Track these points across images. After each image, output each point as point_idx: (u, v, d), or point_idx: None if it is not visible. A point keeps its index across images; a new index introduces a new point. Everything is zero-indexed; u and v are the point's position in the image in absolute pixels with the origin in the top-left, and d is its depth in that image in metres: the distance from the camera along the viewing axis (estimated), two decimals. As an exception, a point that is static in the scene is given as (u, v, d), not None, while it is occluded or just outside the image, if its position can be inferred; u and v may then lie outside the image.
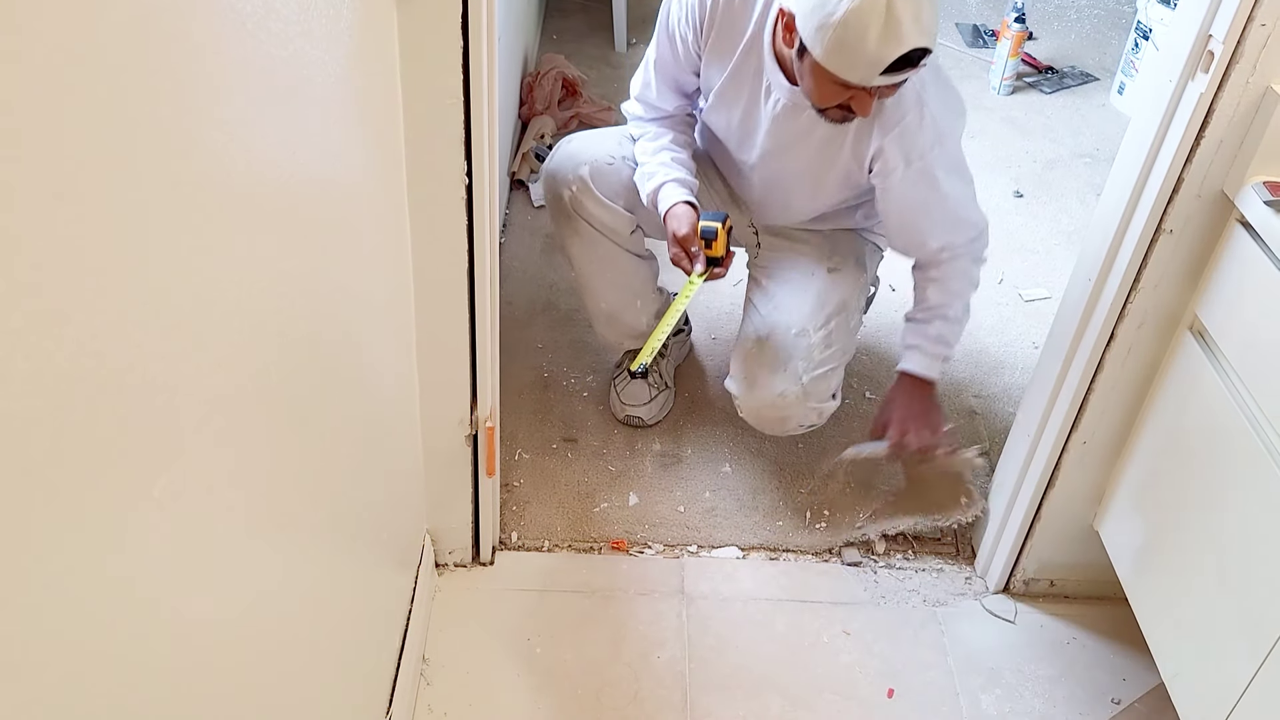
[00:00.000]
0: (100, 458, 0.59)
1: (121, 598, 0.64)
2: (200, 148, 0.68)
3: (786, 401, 1.71)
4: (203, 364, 0.72)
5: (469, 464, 1.57)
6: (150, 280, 0.63)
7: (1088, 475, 1.54)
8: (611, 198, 1.76)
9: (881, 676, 1.57)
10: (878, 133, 1.55)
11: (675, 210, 1.66)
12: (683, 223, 1.64)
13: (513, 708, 1.50)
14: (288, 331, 0.90)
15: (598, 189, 1.75)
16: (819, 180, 1.66)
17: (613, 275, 1.84)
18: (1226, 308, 1.26)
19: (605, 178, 1.75)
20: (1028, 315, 2.31)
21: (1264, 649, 1.13)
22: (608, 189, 1.76)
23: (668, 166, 1.69)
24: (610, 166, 1.76)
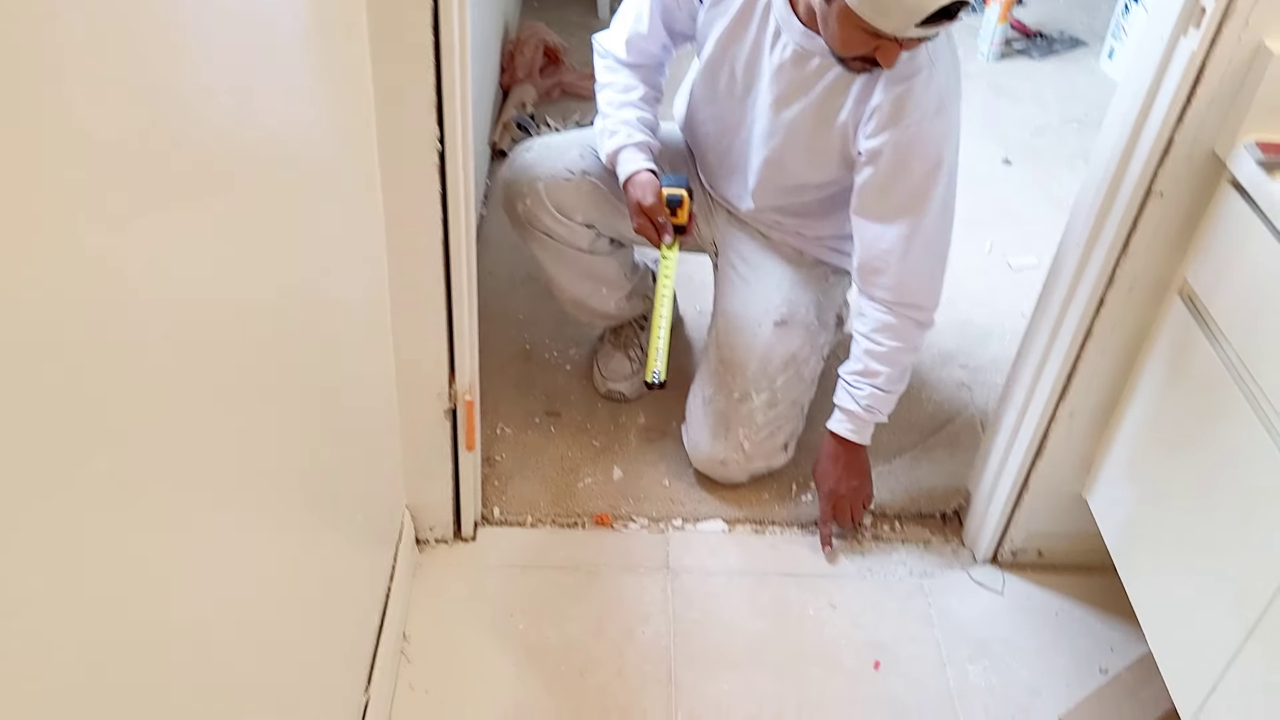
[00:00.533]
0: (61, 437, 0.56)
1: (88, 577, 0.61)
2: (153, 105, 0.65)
3: (729, 468, 1.74)
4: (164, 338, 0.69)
5: (448, 438, 1.54)
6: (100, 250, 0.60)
7: (1076, 445, 1.52)
8: (568, 213, 1.72)
9: (868, 649, 1.56)
10: (881, 88, 1.47)
11: (638, 179, 1.62)
12: (647, 192, 1.60)
13: (495, 684, 1.48)
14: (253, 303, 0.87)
15: (553, 205, 1.70)
16: (816, 139, 1.58)
17: (576, 270, 1.81)
18: (1217, 271, 1.24)
19: (562, 193, 1.70)
20: (1016, 284, 2.29)
21: (1251, 620, 1.11)
22: (565, 205, 1.71)
23: (631, 127, 1.64)
24: (569, 182, 1.70)
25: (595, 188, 1.69)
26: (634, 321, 1.95)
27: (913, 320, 1.61)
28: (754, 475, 1.77)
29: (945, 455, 1.86)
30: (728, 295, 1.79)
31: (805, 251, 1.79)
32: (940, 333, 2.11)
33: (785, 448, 1.76)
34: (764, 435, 1.72)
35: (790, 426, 1.76)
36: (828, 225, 1.75)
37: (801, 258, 1.78)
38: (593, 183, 1.69)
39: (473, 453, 1.57)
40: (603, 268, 1.81)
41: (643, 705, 1.46)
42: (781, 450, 1.76)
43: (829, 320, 1.81)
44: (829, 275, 1.81)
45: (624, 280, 1.85)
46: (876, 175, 1.53)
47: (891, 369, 1.62)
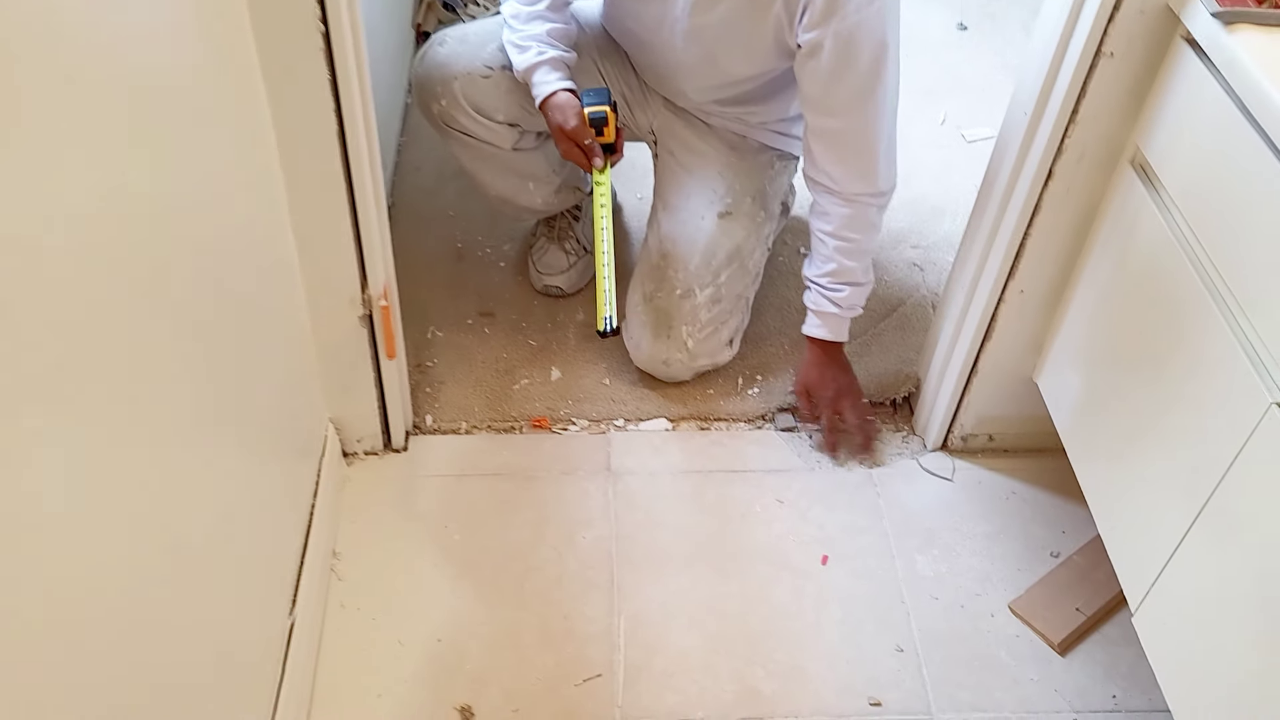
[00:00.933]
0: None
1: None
2: None
3: (672, 368, 1.67)
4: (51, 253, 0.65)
5: (367, 347, 1.46)
6: None
7: (1026, 326, 1.45)
8: (488, 113, 1.59)
9: (815, 544, 1.52)
10: None
11: (556, 100, 1.50)
12: (569, 114, 1.49)
13: (430, 599, 1.43)
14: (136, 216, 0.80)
15: (470, 105, 1.58)
16: (750, 33, 1.46)
17: (500, 168, 1.69)
18: (1169, 137, 1.15)
19: (480, 92, 1.58)
20: (970, 157, 2.19)
21: (1198, 505, 1.07)
22: (483, 105, 1.59)
23: (541, 42, 1.52)
24: (487, 80, 1.57)
25: (517, 84, 1.57)
26: (567, 212, 1.85)
27: (874, 206, 1.54)
28: (699, 373, 1.71)
29: (896, 340, 1.80)
30: (668, 186, 1.69)
31: (749, 137, 1.68)
32: (891, 212, 2.00)
33: (730, 343, 1.69)
34: (708, 332, 1.64)
35: (735, 321, 1.68)
36: (772, 109, 1.65)
37: (745, 143, 1.68)
38: (514, 78, 1.57)
39: (395, 360, 1.49)
40: (528, 164, 1.70)
41: (584, 612, 1.42)
42: (726, 346, 1.69)
43: (774, 209, 1.72)
44: (774, 161, 1.71)
45: (552, 175, 1.74)
46: (820, 69, 1.43)
47: (863, 260, 1.56)
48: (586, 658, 1.38)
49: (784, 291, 1.86)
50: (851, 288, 1.57)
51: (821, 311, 1.59)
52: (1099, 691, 1.38)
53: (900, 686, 1.37)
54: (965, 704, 1.35)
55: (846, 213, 1.52)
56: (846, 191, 1.51)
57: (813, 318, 1.60)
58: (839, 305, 1.57)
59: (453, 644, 1.38)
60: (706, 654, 1.39)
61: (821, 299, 1.58)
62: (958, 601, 1.46)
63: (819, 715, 1.34)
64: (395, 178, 2.07)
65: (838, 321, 1.59)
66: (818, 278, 1.58)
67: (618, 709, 1.33)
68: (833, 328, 1.60)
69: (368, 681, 1.34)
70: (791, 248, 1.95)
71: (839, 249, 1.54)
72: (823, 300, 1.58)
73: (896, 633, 1.42)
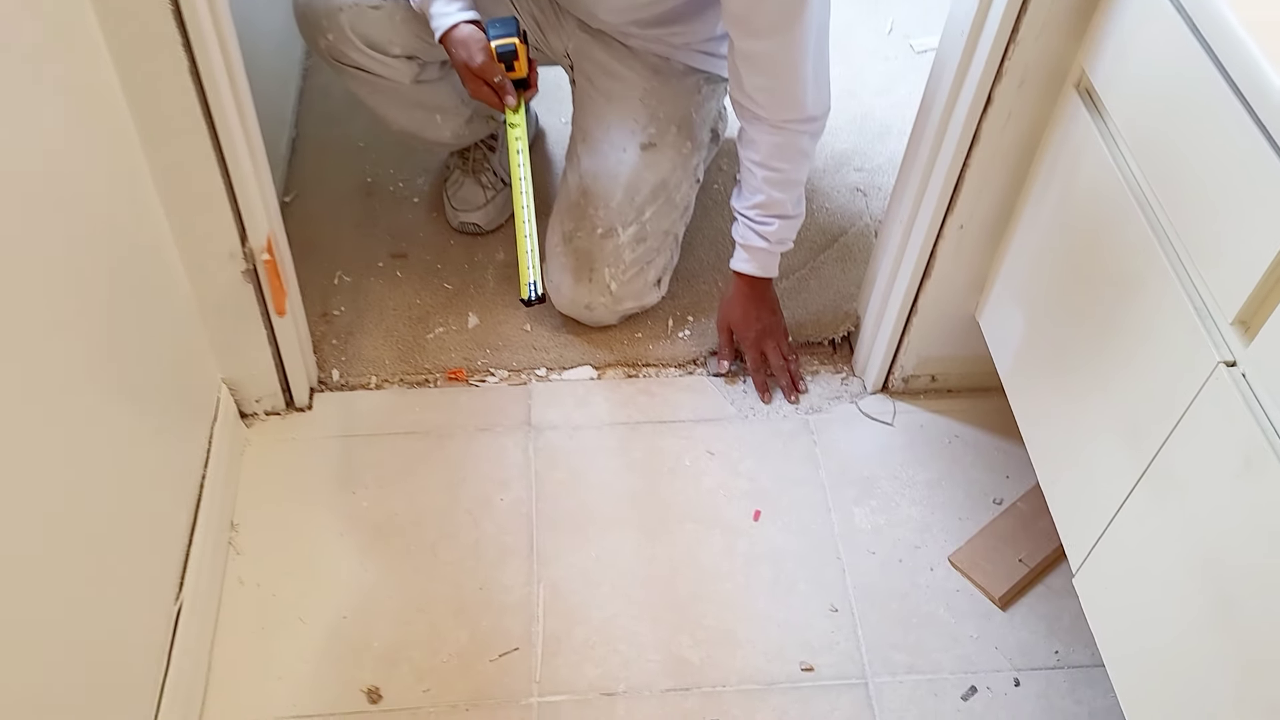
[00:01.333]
0: None
1: None
2: None
3: (596, 312, 1.55)
4: None
5: (255, 303, 1.34)
6: None
7: (966, 262, 1.35)
8: (383, 47, 1.44)
9: (747, 498, 1.43)
10: None
11: (458, 35, 1.35)
12: (473, 49, 1.34)
13: (335, 572, 1.34)
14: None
15: (361, 39, 1.42)
16: None
17: (402, 103, 1.55)
18: (1116, 59, 1.03)
19: (371, 24, 1.42)
20: (919, 69, 2.05)
21: (1141, 465, 0.99)
22: (376, 39, 1.43)
23: None
24: (377, 11, 1.42)
25: (413, 13, 1.42)
26: (482, 143, 1.72)
27: (806, 134, 1.42)
28: (625, 316, 1.60)
29: (836, 273, 1.70)
30: (586, 116, 1.56)
31: (673, 59, 1.54)
32: (832, 133, 1.91)
33: (658, 284, 1.58)
34: (633, 273, 1.53)
35: (663, 260, 1.57)
36: (697, 28, 1.50)
37: (669, 66, 1.54)
38: (409, 7, 1.41)
39: (287, 317, 1.37)
40: (433, 96, 1.56)
41: (501, 581, 1.34)
42: (654, 287, 1.57)
43: (703, 137, 1.59)
44: (701, 85, 1.57)
45: (461, 106, 1.59)
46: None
47: (793, 191, 1.45)
48: (503, 630, 1.30)
49: (718, 223, 1.75)
50: (781, 221, 1.46)
51: (750, 246, 1.48)
52: (1041, 647, 1.32)
53: (834, 649, 1.30)
54: (901, 666, 1.29)
55: (775, 141, 1.40)
56: (774, 118, 1.39)
57: (740, 252, 1.49)
58: (767, 239, 1.46)
59: (360, 620, 1.30)
60: (630, 622, 1.31)
61: (749, 233, 1.47)
62: (896, 556, 1.39)
63: (747, 683, 1.27)
64: (300, 105, 1.91)
65: (767, 256, 1.49)
66: (746, 210, 1.47)
67: (535, 684, 1.25)
68: (761, 263, 1.49)
69: (267, 664, 1.26)
70: (727, 174, 1.83)
71: (768, 179, 1.43)
72: (750, 234, 1.47)
73: (831, 592, 1.35)
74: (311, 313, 1.58)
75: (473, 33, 1.35)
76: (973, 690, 1.28)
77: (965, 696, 1.27)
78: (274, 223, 1.31)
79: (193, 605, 1.22)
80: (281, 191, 1.76)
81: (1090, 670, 1.29)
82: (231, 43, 1.13)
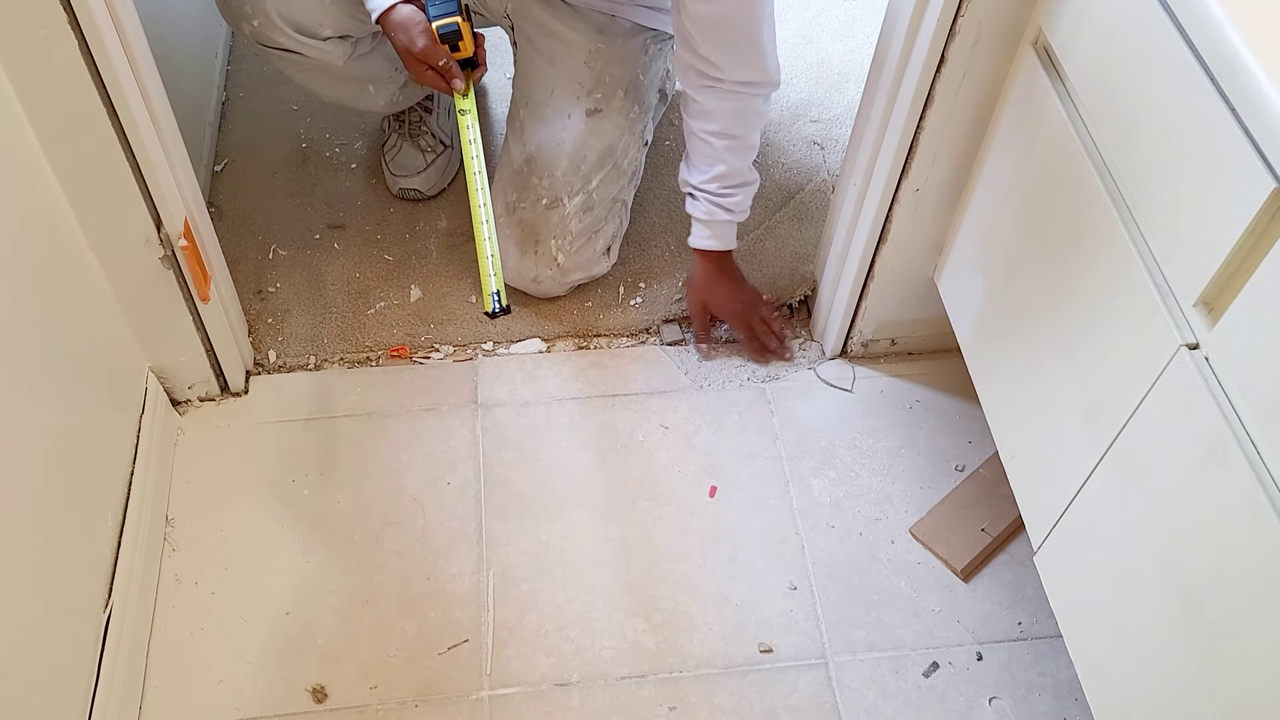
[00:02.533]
0: None
1: None
2: None
3: (543, 285, 1.48)
4: None
5: (177, 289, 1.26)
6: None
7: (924, 225, 1.30)
8: (312, 31, 1.34)
9: (703, 473, 1.39)
10: None
11: (395, 18, 1.25)
12: (414, 34, 1.25)
13: (276, 566, 1.29)
14: None
15: (287, 24, 1.33)
16: None
17: (331, 79, 1.46)
18: (1073, 15, 0.97)
19: (298, 8, 1.32)
20: (878, 10, 1.95)
21: (1102, 446, 0.95)
22: (305, 22, 1.34)
23: None
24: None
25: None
26: (418, 104, 1.63)
27: (760, 96, 1.35)
28: (573, 286, 1.54)
29: (793, 233, 1.64)
30: (529, 78, 1.48)
31: (618, 16, 1.46)
32: (789, 81, 1.83)
33: (607, 253, 1.52)
34: (581, 243, 1.46)
35: (611, 228, 1.50)
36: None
37: (614, 25, 1.46)
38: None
39: (209, 303, 1.30)
40: (365, 68, 1.47)
41: (449, 570, 1.29)
42: (603, 256, 1.51)
43: (650, 99, 1.51)
44: (649, 45, 1.49)
45: (395, 73, 1.51)
46: None
47: (749, 156, 1.39)
48: (452, 622, 1.26)
49: (669, 182, 1.68)
50: (743, 189, 1.40)
51: (714, 221, 1.41)
52: (1004, 619, 1.29)
53: (793, 629, 1.27)
54: (862, 643, 1.26)
55: (732, 107, 1.33)
56: (731, 81, 1.31)
57: (701, 229, 1.43)
58: (731, 210, 1.40)
59: (302, 616, 1.25)
60: (584, 608, 1.27)
61: (712, 207, 1.40)
62: (856, 529, 1.35)
63: (705, 667, 1.24)
64: (230, 67, 1.82)
65: (729, 229, 1.43)
66: (705, 184, 1.39)
67: (486, 677, 1.22)
68: (724, 237, 1.43)
69: (207, 665, 1.21)
70: (678, 129, 1.75)
71: (729, 148, 1.36)
72: (714, 209, 1.40)
73: (789, 569, 1.31)
74: (245, 290, 1.51)
75: (411, 14, 1.26)
76: (934, 666, 1.25)
77: (927, 673, 1.25)
78: (193, 206, 1.23)
79: (124, 609, 1.17)
80: (211, 160, 1.67)
81: (1054, 641, 1.27)
82: (127, 14, 1.04)
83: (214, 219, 1.49)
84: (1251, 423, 0.77)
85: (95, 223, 1.15)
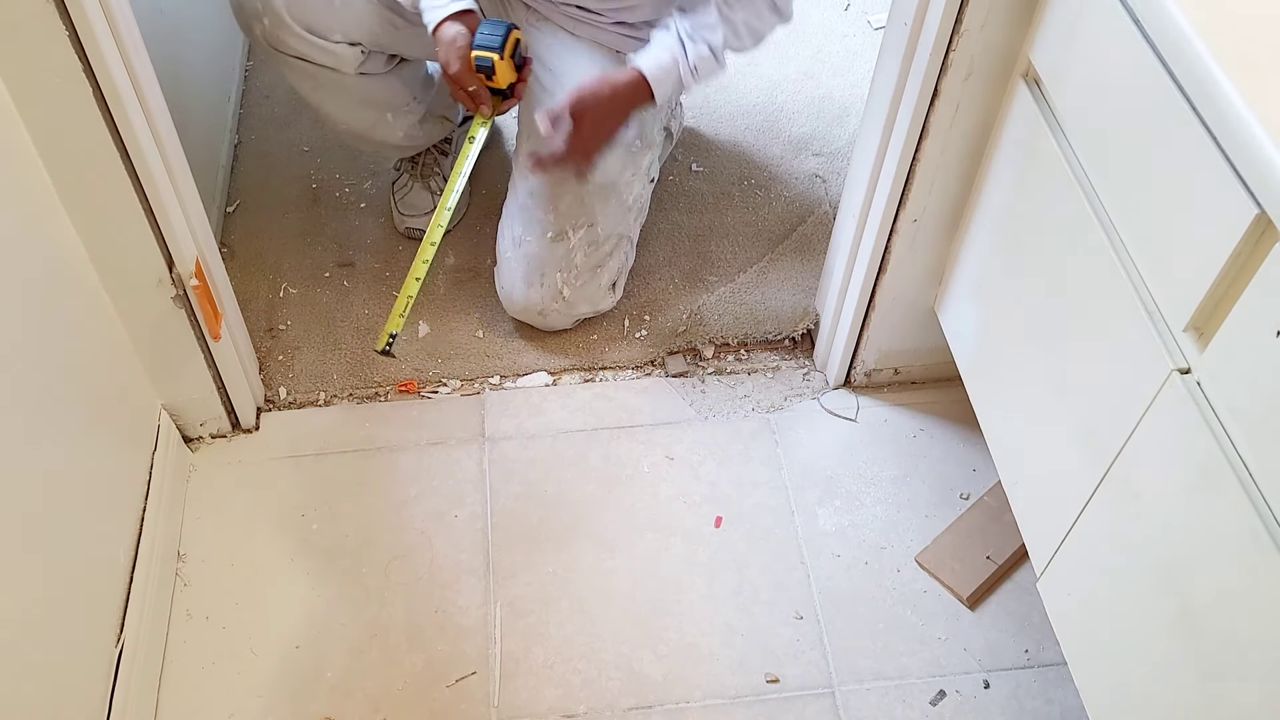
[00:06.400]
0: None
1: None
2: None
3: (549, 318, 1.50)
4: None
5: (189, 328, 1.29)
6: None
7: (922, 256, 1.31)
8: (323, 32, 1.37)
9: (708, 504, 1.40)
10: None
11: (442, 34, 1.29)
12: (453, 56, 1.28)
13: (286, 600, 1.30)
14: None
15: (300, 24, 1.35)
16: None
17: (348, 99, 1.48)
18: (1060, 48, 0.99)
19: (309, 8, 1.35)
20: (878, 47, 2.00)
21: (1099, 472, 0.95)
22: (317, 23, 1.36)
23: None
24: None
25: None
26: (434, 147, 1.66)
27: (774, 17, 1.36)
28: (580, 320, 1.55)
29: (795, 265, 1.65)
30: (534, 112, 1.50)
31: (624, 51, 1.48)
32: (791, 116, 1.86)
33: (613, 288, 1.54)
34: (586, 278, 1.48)
35: (616, 263, 1.52)
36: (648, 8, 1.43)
37: (620, 60, 1.48)
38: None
39: (222, 341, 1.32)
40: (381, 91, 1.49)
41: (457, 603, 1.30)
42: (609, 292, 1.53)
43: (654, 136, 1.53)
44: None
45: (413, 102, 1.54)
46: None
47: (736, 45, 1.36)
48: (459, 654, 1.26)
49: (674, 217, 1.70)
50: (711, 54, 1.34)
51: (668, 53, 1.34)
52: (1011, 646, 1.29)
53: (799, 659, 1.27)
54: (868, 673, 1.26)
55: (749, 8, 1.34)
56: None
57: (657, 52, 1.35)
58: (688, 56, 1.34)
59: (312, 650, 1.26)
60: (590, 639, 1.28)
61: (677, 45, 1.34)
62: (861, 558, 1.36)
63: (711, 698, 1.24)
64: (242, 110, 1.85)
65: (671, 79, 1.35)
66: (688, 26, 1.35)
67: (493, 709, 1.22)
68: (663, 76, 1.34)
69: (217, 700, 1.22)
70: (683, 164, 1.78)
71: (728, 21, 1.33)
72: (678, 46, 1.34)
73: (795, 598, 1.32)
74: (256, 328, 1.53)
75: (457, 35, 1.29)
76: (941, 694, 1.25)
77: (934, 701, 1.25)
78: (204, 246, 1.26)
79: (136, 644, 1.18)
80: (223, 200, 1.70)
81: (1061, 669, 1.27)
82: (139, 62, 1.07)
83: (226, 258, 1.53)
84: (1242, 444, 0.78)
85: (109, 263, 1.17)
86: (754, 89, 1.90)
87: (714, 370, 1.54)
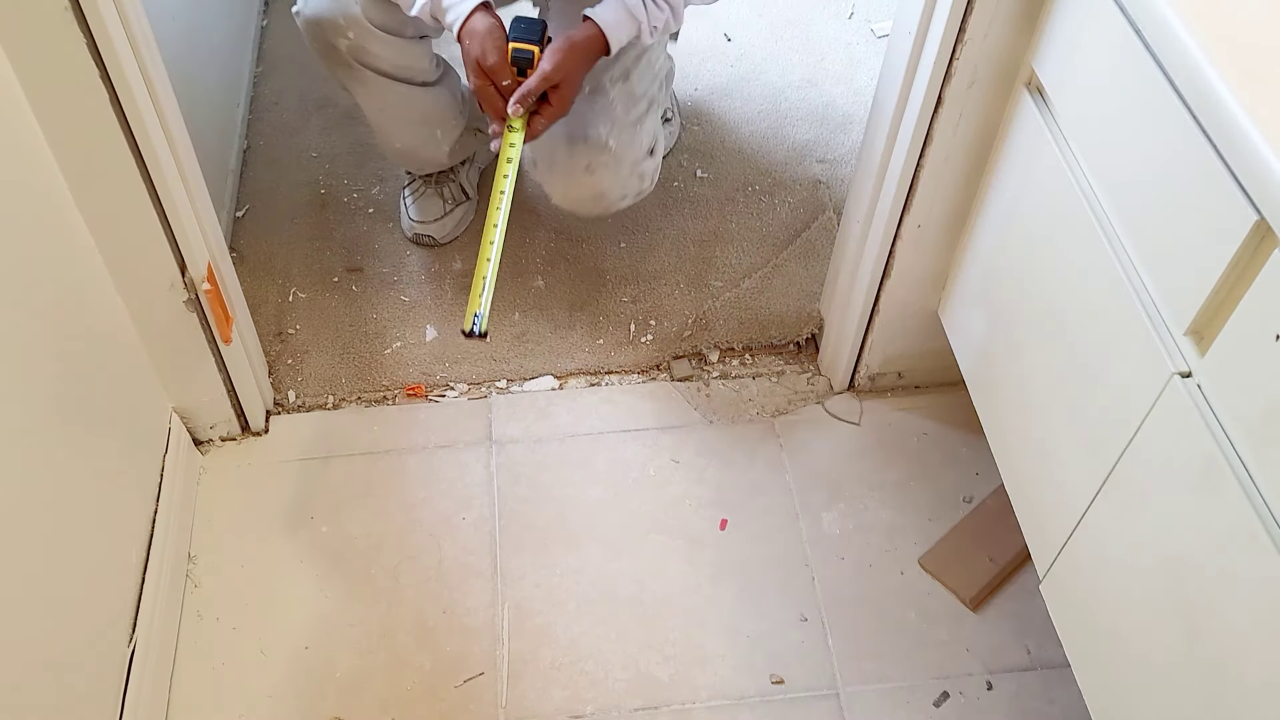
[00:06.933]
0: None
1: None
2: None
3: (596, 175, 1.40)
4: None
5: (200, 332, 1.30)
6: None
7: (927, 260, 1.32)
8: (398, 29, 1.36)
9: (713, 507, 1.41)
10: None
11: (473, 26, 1.24)
12: (489, 47, 1.23)
13: (295, 601, 1.31)
14: None
15: (379, 26, 1.34)
16: None
17: (408, 114, 1.50)
18: (1062, 58, 1.00)
19: (383, 9, 1.33)
20: (881, 54, 2.01)
21: (1102, 475, 0.97)
22: (392, 21, 1.35)
23: None
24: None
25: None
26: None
27: None
28: (627, 196, 1.46)
29: (799, 271, 1.67)
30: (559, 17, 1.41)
31: None
32: (795, 124, 1.87)
33: (651, 153, 1.46)
34: (628, 131, 1.40)
35: (651, 125, 1.45)
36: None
37: None
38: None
39: (233, 345, 1.34)
40: (435, 105, 1.51)
41: (465, 604, 1.32)
42: (648, 155, 1.46)
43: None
44: None
45: (458, 115, 1.56)
46: None
47: None
48: (467, 655, 1.28)
49: (679, 221, 1.72)
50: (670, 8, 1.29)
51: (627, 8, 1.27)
52: (1013, 647, 1.30)
53: (804, 660, 1.28)
54: (872, 674, 1.27)
55: None
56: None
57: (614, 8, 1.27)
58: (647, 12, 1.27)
59: (321, 650, 1.28)
60: (597, 641, 1.29)
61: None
62: (865, 560, 1.37)
63: (717, 699, 1.25)
64: (251, 115, 1.87)
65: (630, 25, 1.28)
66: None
67: (501, 709, 1.24)
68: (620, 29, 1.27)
69: (228, 701, 1.23)
70: (688, 170, 1.80)
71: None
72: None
73: (800, 600, 1.33)
74: (265, 332, 1.55)
75: (489, 28, 1.24)
76: (945, 696, 1.26)
77: (937, 703, 1.26)
78: (216, 250, 1.28)
79: (147, 644, 1.19)
80: (233, 205, 1.72)
81: (1064, 670, 1.28)
82: (155, 69, 1.09)
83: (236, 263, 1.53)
84: (1242, 446, 0.79)
85: (122, 267, 1.19)
86: (758, 96, 1.92)
87: (719, 374, 1.55)
